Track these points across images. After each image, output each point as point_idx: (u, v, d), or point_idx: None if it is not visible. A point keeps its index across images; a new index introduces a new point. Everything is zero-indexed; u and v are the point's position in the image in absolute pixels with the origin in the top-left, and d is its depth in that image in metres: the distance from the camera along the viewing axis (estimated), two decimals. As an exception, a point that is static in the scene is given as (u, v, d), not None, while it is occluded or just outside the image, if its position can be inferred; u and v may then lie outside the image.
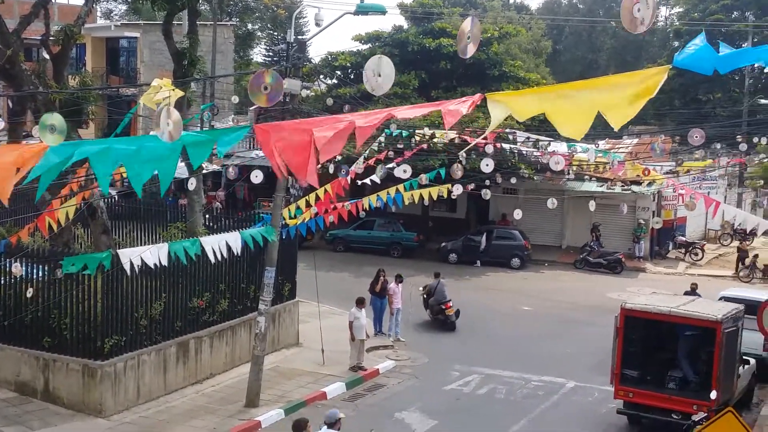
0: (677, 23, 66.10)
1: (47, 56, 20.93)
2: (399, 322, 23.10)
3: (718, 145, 27.01)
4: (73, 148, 7.02)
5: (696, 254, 37.24)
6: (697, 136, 15.81)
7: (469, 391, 19.10)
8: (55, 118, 9.03)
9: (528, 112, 6.35)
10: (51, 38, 20.30)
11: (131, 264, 15.35)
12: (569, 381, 19.80)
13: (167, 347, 17.50)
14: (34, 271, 16.48)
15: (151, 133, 7.81)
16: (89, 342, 16.16)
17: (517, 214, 21.02)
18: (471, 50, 6.43)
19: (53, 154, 6.87)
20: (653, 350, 17.37)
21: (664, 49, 62.83)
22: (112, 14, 70.75)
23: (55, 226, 16.92)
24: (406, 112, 7.11)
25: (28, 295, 15.54)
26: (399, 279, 23.46)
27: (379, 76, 6.62)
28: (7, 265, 16.50)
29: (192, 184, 15.43)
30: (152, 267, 16.31)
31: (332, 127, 6.80)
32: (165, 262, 15.72)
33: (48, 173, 6.84)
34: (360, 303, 20.32)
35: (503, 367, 20.62)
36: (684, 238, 38.66)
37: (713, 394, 15.35)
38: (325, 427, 11.49)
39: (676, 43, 63.80)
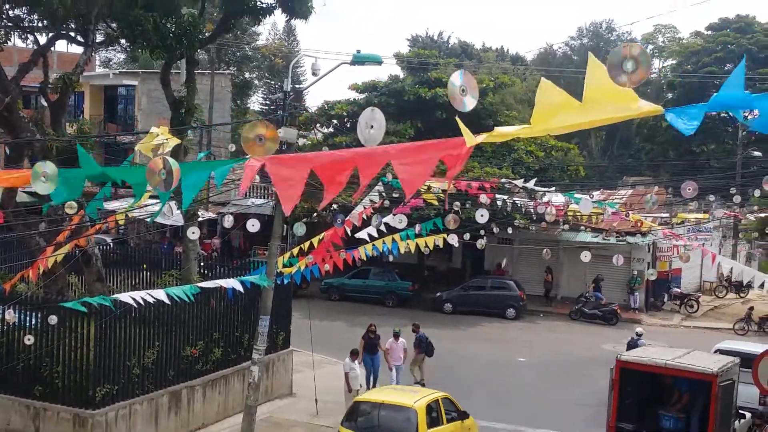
0: (670, 75, 66.82)
1: (45, 104, 21.11)
2: (399, 381, 21.36)
3: (712, 197, 27.17)
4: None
5: (691, 306, 37.17)
6: (690, 189, 15.88)
7: (463, 443, 18.88)
8: (48, 166, 9.04)
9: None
10: (49, 86, 20.49)
11: (124, 311, 15.22)
12: (565, 433, 19.63)
13: (159, 396, 17.33)
14: (27, 318, 16.37)
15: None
16: (81, 391, 16.01)
17: (505, 263, 20.99)
18: (471, 103, 6.22)
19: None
20: (649, 403, 17.26)
21: (659, 99, 63.38)
22: (110, 62, 71.46)
23: (42, 271, 16.81)
24: (401, 162, 6.84)
25: (28, 342, 15.39)
26: (397, 335, 22.08)
27: (372, 127, 6.62)
28: (1, 312, 16.41)
29: (194, 233, 15.33)
30: (146, 314, 16.18)
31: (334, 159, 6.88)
32: (165, 299, 14.99)
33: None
34: (354, 354, 20.18)
35: (498, 419, 20.42)
36: (679, 290, 38.62)
37: (709, 448, 15.24)
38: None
39: (670, 95, 64.44)
